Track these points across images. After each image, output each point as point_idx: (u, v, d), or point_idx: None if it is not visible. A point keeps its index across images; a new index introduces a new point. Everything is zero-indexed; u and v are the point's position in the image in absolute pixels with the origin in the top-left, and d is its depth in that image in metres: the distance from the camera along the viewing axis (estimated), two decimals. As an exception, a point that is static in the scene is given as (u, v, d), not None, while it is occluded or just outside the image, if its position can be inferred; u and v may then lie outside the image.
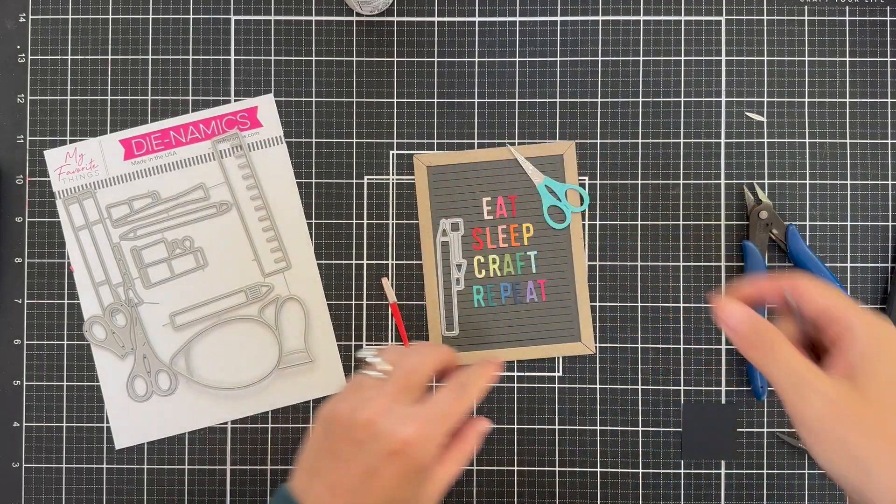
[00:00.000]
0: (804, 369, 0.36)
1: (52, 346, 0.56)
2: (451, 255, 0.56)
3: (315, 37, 0.57)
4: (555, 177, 0.56)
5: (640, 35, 0.56)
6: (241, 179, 0.56)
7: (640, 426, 0.55)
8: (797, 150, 0.56)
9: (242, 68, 0.56)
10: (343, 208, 0.56)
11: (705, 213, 0.56)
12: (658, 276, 0.56)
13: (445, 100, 0.56)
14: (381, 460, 0.40)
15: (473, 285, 0.56)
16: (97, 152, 0.56)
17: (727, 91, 0.56)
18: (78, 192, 0.56)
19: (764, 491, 0.55)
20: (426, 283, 0.56)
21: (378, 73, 0.56)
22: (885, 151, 0.56)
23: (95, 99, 0.56)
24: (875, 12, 0.56)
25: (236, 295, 0.56)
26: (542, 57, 0.56)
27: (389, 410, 0.41)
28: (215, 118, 0.56)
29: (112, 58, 0.56)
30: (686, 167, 0.56)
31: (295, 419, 0.55)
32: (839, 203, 0.56)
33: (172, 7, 0.56)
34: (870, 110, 0.56)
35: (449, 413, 0.43)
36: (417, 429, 0.41)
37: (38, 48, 0.56)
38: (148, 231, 0.56)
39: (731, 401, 0.55)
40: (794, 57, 0.56)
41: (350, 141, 0.56)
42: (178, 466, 0.55)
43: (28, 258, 0.56)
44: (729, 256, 0.56)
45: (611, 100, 0.56)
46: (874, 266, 0.56)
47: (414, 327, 0.56)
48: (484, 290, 0.56)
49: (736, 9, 0.56)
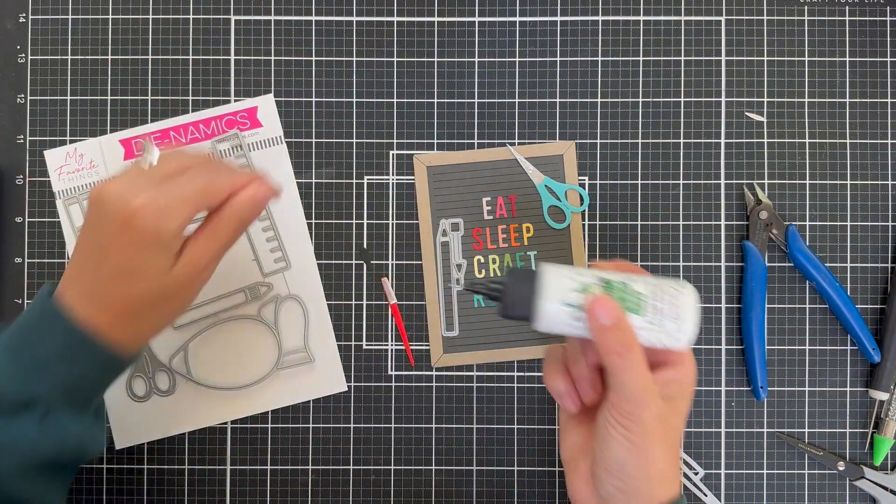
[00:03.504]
0: (648, 384, 0.40)
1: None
2: (451, 255, 0.56)
3: (315, 37, 0.57)
4: (555, 177, 0.56)
5: (640, 35, 0.56)
6: (241, 179, 0.56)
7: (640, 426, 0.55)
8: (797, 150, 0.56)
9: (242, 68, 0.56)
10: (343, 208, 0.56)
11: (705, 213, 0.56)
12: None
13: (445, 100, 0.56)
14: (114, 229, 0.41)
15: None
16: (97, 152, 0.56)
17: (727, 91, 0.56)
18: (78, 192, 0.56)
19: (764, 491, 0.55)
20: (426, 283, 0.56)
21: (378, 73, 0.56)
22: (885, 151, 0.56)
23: (95, 99, 0.56)
24: (875, 12, 0.56)
25: (236, 295, 0.56)
26: (542, 57, 0.56)
27: (122, 180, 0.41)
28: (215, 118, 0.56)
29: (112, 58, 0.56)
30: (686, 167, 0.56)
31: (295, 419, 0.56)
32: (839, 203, 0.56)
33: (172, 7, 0.57)
34: (870, 110, 0.56)
35: (190, 193, 0.42)
36: (149, 198, 0.40)
37: (38, 48, 0.56)
38: (148, 231, 0.56)
39: (730, 401, 0.55)
40: (794, 57, 0.56)
41: (350, 141, 0.56)
42: (178, 466, 0.55)
43: (28, 258, 0.56)
44: (729, 256, 0.56)
45: (611, 100, 0.56)
46: (874, 266, 0.56)
47: (414, 327, 0.56)
48: (484, 290, 0.56)
49: (736, 9, 0.56)
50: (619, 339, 0.40)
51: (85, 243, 0.43)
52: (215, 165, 0.45)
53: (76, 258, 0.43)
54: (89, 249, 0.42)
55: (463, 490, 0.55)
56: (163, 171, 0.42)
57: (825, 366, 0.55)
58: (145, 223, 0.40)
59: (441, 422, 0.56)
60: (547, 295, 0.41)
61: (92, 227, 0.42)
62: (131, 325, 0.43)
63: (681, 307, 0.41)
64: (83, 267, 0.43)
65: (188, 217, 0.41)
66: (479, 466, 0.56)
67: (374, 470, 0.55)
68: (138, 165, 0.43)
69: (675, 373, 0.42)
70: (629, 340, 0.40)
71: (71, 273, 0.43)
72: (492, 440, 0.56)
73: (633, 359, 0.40)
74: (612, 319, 0.40)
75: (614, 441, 0.41)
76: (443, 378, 0.56)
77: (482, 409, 0.56)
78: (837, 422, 0.55)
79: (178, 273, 0.43)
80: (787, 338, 0.56)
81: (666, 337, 0.41)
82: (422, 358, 0.56)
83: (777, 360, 0.55)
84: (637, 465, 0.41)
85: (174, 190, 0.41)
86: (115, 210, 0.40)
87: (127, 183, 0.41)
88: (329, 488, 0.55)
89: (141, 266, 0.41)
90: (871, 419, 0.55)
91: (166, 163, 0.43)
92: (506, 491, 0.55)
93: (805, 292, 0.56)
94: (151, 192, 0.41)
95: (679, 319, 0.41)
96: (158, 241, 0.41)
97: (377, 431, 0.56)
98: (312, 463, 0.55)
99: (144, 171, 0.42)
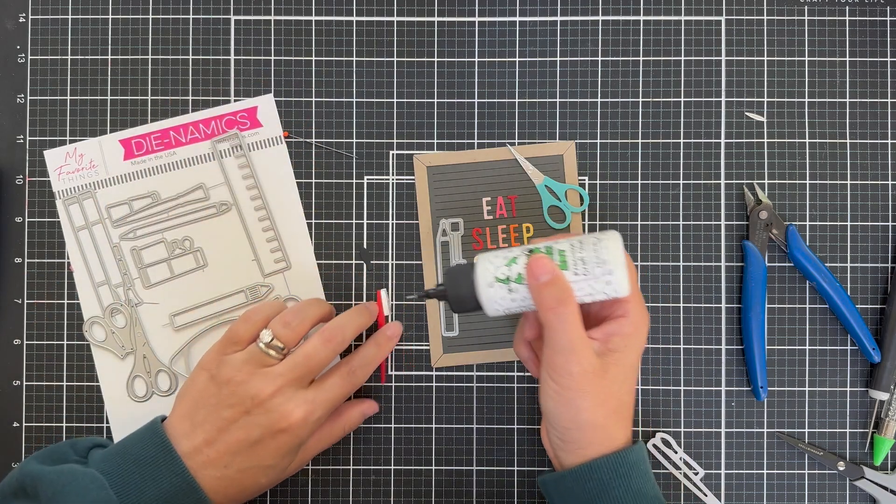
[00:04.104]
0: (577, 338, 0.43)
1: (52, 346, 0.56)
2: (451, 255, 0.56)
3: (315, 37, 0.57)
4: (555, 177, 0.56)
5: (640, 35, 0.56)
6: (240, 179, 0.56)
7: (640, 426, 0.55)
8: (797, 150, 0.56)
9: (242, 68, 0.56)
10: (343, 208, 0.56)
11: (705, 213, 0.56)
12: (658, 276, 0.56)
13: (445, 100, 0.56)
14: (266, 433, 0.45)
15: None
16: (97, 152, 0.56)
17: (727, 91, 0.56)
18: (78, 192, 0.56)
19: (764, 491, 0.55)
20: (426, 283, 0.56)
21: (378, 73, 0.56)
22: (885, 151, 0.56)
23: (95, 99, 0.56)
24: (875, 12, 0.56)
25: (236, 295, 0.56)
26: (542, 57, 0.56)
27: (284, 392, 0.46)
28: (215, 118, 0.56)
29: (112, 58, 0.56)
30: (686, 167, 0.56)
31: (295, 419, 0.55)
32: (839, 203, 0.56)
33: (172, 7, 0.56)
34: (870, 110, 0.56)
35: (336, 399, 0.48)
36: (306, 413, 0.46)
37: (38, 48, 0.56)
38: (148, 231, 0.56)
39: (730, 401, 0.55)
40: (794, 57, 0.56)
41: (350, 141, 0.56)
42: (178, 466, 0.55)
43: (28, 258, 0.56)
44: (729, 256, 0.56)
45: (611, 100, 0.56)
46: (874, 266, 0.56)
47: (414, 327, 0.56)
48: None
49: (736, 9, 0.56)
50: (554, 294, 0.43)
51: (216, 414, 0.46)
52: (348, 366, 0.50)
53: (200, 416, 0.46)
54: (220, 421, 0.45)
55: (463, 490, 0.55)
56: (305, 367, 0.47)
57: (825, 366, 0.55)
58: (298, 433, 0.46)
59: (441, 422, 0.56)
60: (482, 279, 0.44)
61: (230, 406, 0.45)
62: (238, 496, 0.47)
63: (603, 252, 0.42)
64: (209, 433, 0.45)
65: (324, 419, 0.49)
66: (479, 466, 0.56)
67: (374, 470, 0.55)
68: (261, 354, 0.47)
69: (617, 325, 0.44)
70: (564, 296, 0.43)
71: (187, 427, 0.46)
72: (492, 440, 0.56)
73: (565, 313, 0.43)
74: (548, 274, 0.43)
75: (546, 394, 0.45)
76: (443, 378, 0.56)
77: (482, 409, 0.56)
78: (837, 422, 0.55)
79: (293, 469, 0.50)
80: (787, 338, 0.56)
81: (600, 285, 0.43)
82: (422, 358, 0.56)
83: (777, 360, 0.55)
84: (567, 416, 0.44)
85: (324, 399, 0.47)
86: (272, 419, 0.45)
87: (283, 389, 0.46)
88: (329, 488, 0.55)
89: (277, 465, 0.47)
90: (871, 419, 0.55)
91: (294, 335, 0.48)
92: (506, 491, 0.55)
93: (805, 292, 0.56)
94: (309, 408, 0.46)
95: (605, 264, 0.42)
96: (300, 446, 0.48)
97: (377, 431, 0.56)
98: (312, 463, 0.55)
99: (292, 366, 0.47)
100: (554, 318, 0.43)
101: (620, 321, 0.44)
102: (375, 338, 0.52)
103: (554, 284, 0.43)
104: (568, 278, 0.43)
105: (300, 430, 0.46)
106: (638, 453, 0.45)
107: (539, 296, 0.43)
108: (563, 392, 0.43)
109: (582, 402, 0.43)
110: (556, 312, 0.43)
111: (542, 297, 0.43)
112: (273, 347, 0.47)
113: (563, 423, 0.44)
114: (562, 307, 0.42)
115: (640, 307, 0.45)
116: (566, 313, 0.42)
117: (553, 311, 0.43)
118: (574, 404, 0.43)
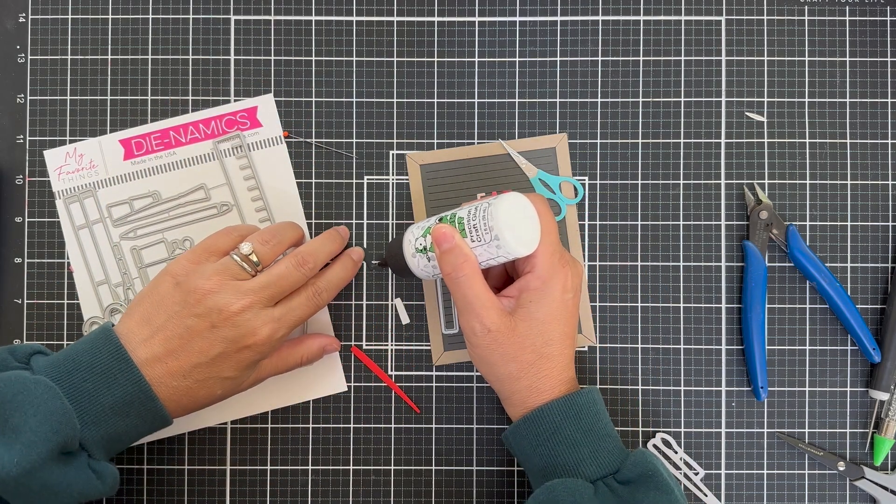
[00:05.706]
0: (475, 298, 0.45)
1: (52, 346, 0.56)
2: (451, 255, 0.56)
3: (315, 37, 0.57)
4: (548, 170, 0.56)
5: (640, 35, 0.56)
6: (242, 180, 0.56)
7: (640, 426, 0.55)
8: (797, 150, 0.56)
9: (242, 68, 0.56)
10: (343, 208, 0.56)
11: (705, 213, 0.56)
12: (658, 276, 0.56)
13: (445, 100, 0.56)
14: (231, 347, 0.45)
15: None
16: (97, 152, 0.56)
17: (727, 91, 0.56)
18: (78, 192, 0.56)
19: (764, 491, 0.55)
20: (425, 282, 0.56)
21: (378, 73, 0.56)
22: (885, 151, 0.56)
23: (95, 99, 0.56)
24: (875, 12, 0.56)
25: (236, 295, 0.56)
26: (542, 57, 0.56)
27: (252, 308, 0.46)
28: (215, 118, 0.56)
29: (112, 58, 0.56)
30: (686, 167, 0.56)
31: (295, 419, 0.55)
32: (839, 203, 0.56)
33: (172, 7, 0.57)
34: (870, 110, 0.56)
35: (300, 319, 0.48)
36: (272, 331, 0.46)
37: (38, 48, 0.56)
38: (148, 231, 0.56)
39: (731, 401, 0.55)
40: (794, 57, 0.56)
41: (350, 141, 0.56)
42: (178, 466, 0.55)
43: (28, 258, 0.56)
44: (729, 256, 0.56)
45: (611, 100, 0.56)
46: (874, 266, 0.56)
47: (414, 327, 0.56)
48: (484, 290, 0.56)
49: (736, 9, 0.56)
50: (452, 260, 0.45)
51: (178, 323, 0.45)
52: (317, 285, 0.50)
53: (159, 321, 0.45)
54: (182, 331, 0.45)
55: (463, 490, 0.55)
56: (277, 287, 0.47)
57: (825, 366, 0.55)
58: (262, 350, 0.46)
59: (441, 422, 0.56)
60: (407, 250, 0.49)
61: (195, 316, 0.45)
62: (190, 406, 0.47)
63: (489, 219, 0.44)
64: (170, 341, 0.45)
65: (286, 336, 0.48)
66: (479, 466, 0.56)
67: (374, 470, 0.55)
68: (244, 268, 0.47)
69: (524, 281, 0.47)
70: (459, 261, 0.45)
71: (145, 333, 0.45)
72: (492, 440, 0.56)
73: (461, 277, 0.45)
74: (448, 243, 0.45)
75: (468, 353, 0.49)
76: (443, 378, 0.56)
77: (482, 409, 0.56)
78: (837, 422, 0.55)
79: (249, 383, 0.49)
80: (787, 338, 0.56)
81: (492, 250, 0.45)
82: (422, 358, 0.56)
83: (777, 360, 0.55)
84: (486, 371, 0.48)
85: (290, 319, 0.47)
86: (238, 334, 0.45)
87: (252, 306, 0.46)
88: (329, 488, 0.55)
89: (236, 377, 0.47)
90: (871, 419, 0.55)
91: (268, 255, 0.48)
92: (506, 491, 0.55)
93: (805, 292, 0.56)
94: (275, 325, 0.46)
95: (491, 231, 0.44)
96: (259, 361, 0.48)
97: (377, 431, 0.56)
98: (312, 463, 0.55)
99: (264, 285, 0.46)
100: (452, 282, 0.46)
101: (527, 277, 0.46)
102: (342, 260, 0.53)
103: (452, 252, 0.45)
104: (470, 245, 0.45)
105: (264, 348, 0.46)
106: (587, 396, 0.47)
107: (441, 263, 0.46)
108: (474, 350, 0.47)
109: (491, 357, 0.46)
110: (453, 277, 0.45)
111: (443, 263, 0.46)
112: (248, 262, 0.47)
113: (488, 379, 0.48)
114: (458, 272, 0.45)
115: (548, 260, 0.46)
116: (462, 277, 0.45)
117: (450, 276, 0.45)
118: (486, 360, 0.47)
